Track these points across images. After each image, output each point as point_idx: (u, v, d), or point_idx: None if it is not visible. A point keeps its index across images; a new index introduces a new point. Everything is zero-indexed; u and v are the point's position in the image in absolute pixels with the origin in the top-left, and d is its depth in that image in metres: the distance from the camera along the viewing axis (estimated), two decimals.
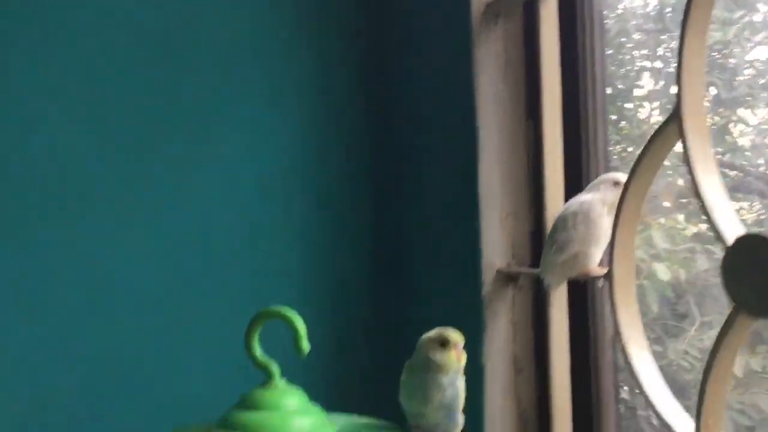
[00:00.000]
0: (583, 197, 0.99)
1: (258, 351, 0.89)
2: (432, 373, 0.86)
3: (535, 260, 1.13)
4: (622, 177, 0.96)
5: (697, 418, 0.78)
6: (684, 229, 1.08)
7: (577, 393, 1.09)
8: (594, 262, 0.98)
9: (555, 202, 1.09)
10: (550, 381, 1.09)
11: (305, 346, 0.88)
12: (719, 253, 0.77)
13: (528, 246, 1.17)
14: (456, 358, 0.85)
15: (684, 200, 1.09)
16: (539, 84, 1.10)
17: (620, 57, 1.15)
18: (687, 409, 0.85)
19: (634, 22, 1.13)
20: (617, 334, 0.91)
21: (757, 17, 1.06)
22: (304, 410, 0.87)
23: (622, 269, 0.91)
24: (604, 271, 0.95)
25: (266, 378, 0.89)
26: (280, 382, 0.89)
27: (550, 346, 1.07)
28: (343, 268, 1.35)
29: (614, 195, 0.95)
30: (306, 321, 0.88)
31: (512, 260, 1.17)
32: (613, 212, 0.93)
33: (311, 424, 0.86)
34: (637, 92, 1.21)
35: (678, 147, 0.83)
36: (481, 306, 1.14)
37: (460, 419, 0.89)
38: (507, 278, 1.16)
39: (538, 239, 1.14)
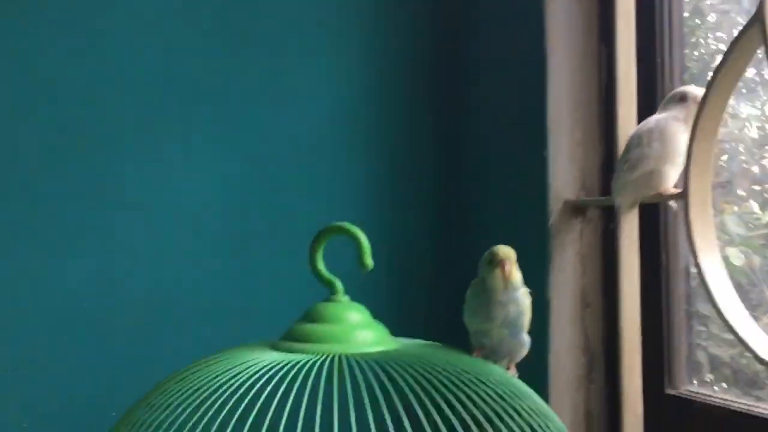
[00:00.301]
0: (657, 116, 0.96)
1: (322, 266, 0.89)
2: (487, 291, 0.83)
3: (606, 192, 1.10)
4: (693, 89, 0.92)
5: None
6: (758, 219, 1.03)
7: (648, 327, 1.05)
8: (668, 182, 0.93)
9: (627, 132, 1.04)
10: (619, 315, 1.05)
11: (369, 261, 0.87)
12: None
13: (598, 177, 1.14)
14: (500, 275, 0.82)
15: (758, 187, 1.04)
16: (613, 6, 1.06)
17: (693, 40, 1.10)
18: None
19: (709, 2, 1.08)
20: (693, 257, 0.88)
21: None
22: (367, 324, 0.87)
23: (698, 187, 0.87)
24: (679, 191, 0.91)
25: (330, 294, 0.89)
26: (343, 297, 0.89)
27: (619, 279, 1.04)
28: (407, 196, 1.34)
29: (686, 110, 0.91)
30: (373, 245, 0.87)
31: (581, 191, 1.14)
32: (689, 129, 0.89)
33: (374, 337, 0.85)
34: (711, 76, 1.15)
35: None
36: (547, 237, 1.11)
37: (526, 339, 0.87)
38: (575, 210, 1.12)
39: (609, 170, 1.10)
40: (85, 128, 1.18)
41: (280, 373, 0.77)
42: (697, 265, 0.86)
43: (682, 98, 0.92)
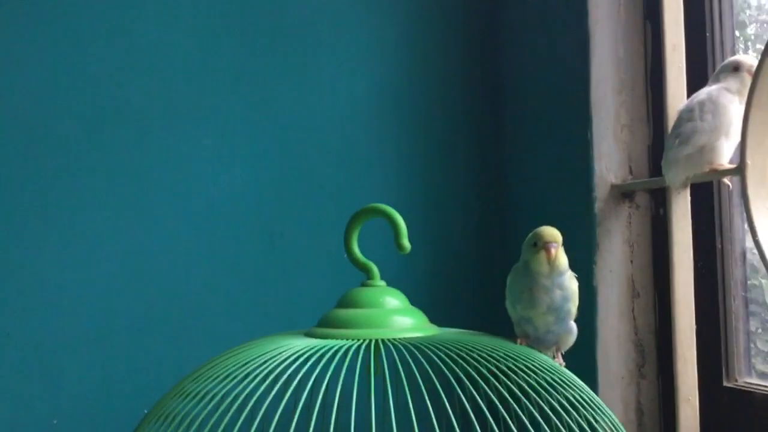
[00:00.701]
0: (709, 87, 0.90)
1: (357, 250, 0.86)
2: (530, 275, 0.79)
3: (655, 176, 1.05)
4: (746, 58, 0.87)
5: None
6: None
7: (703, 317, 0.99)
8: (723, 157, 0.87)
9: (676, 112, 1.00)
10: (672, 305, 0.99)
11: (406, 243, 0.83)
12: None
13: (646, 161, 1.09)
14: (545, 258, 0.78)
15: None
16: None
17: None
18: None
19: (748, 13, 1.03)
20: (752, 234, 0.82)
21: None
22: (404, 310, 0.83)
23: (756, 160, 0.81)
24: (734, 166, 0.86)
25: (366, 278, 0.86)
26: (380, 282, 0.85)
27: (672, 265, 0.98)
28: (447, 180, 1.30)
29: (740, 80, 0.86)
30: (409, 231, 0.84)
31: (629, 176, 1.08)
32: (744, 100, 0.84)
33: (412, 322, 0.82)
34: None
35: None
36: (593, 224, 1.06)
37: (573, 326, 0.82)
38: (622, 195, 1.07)
39: (658, 153, 1.05)
40: (119, 121, 1.17)
41: (313, 358, 0.73)
42: (757, 243, 0.81)
43: (736, 68, 0.87)
